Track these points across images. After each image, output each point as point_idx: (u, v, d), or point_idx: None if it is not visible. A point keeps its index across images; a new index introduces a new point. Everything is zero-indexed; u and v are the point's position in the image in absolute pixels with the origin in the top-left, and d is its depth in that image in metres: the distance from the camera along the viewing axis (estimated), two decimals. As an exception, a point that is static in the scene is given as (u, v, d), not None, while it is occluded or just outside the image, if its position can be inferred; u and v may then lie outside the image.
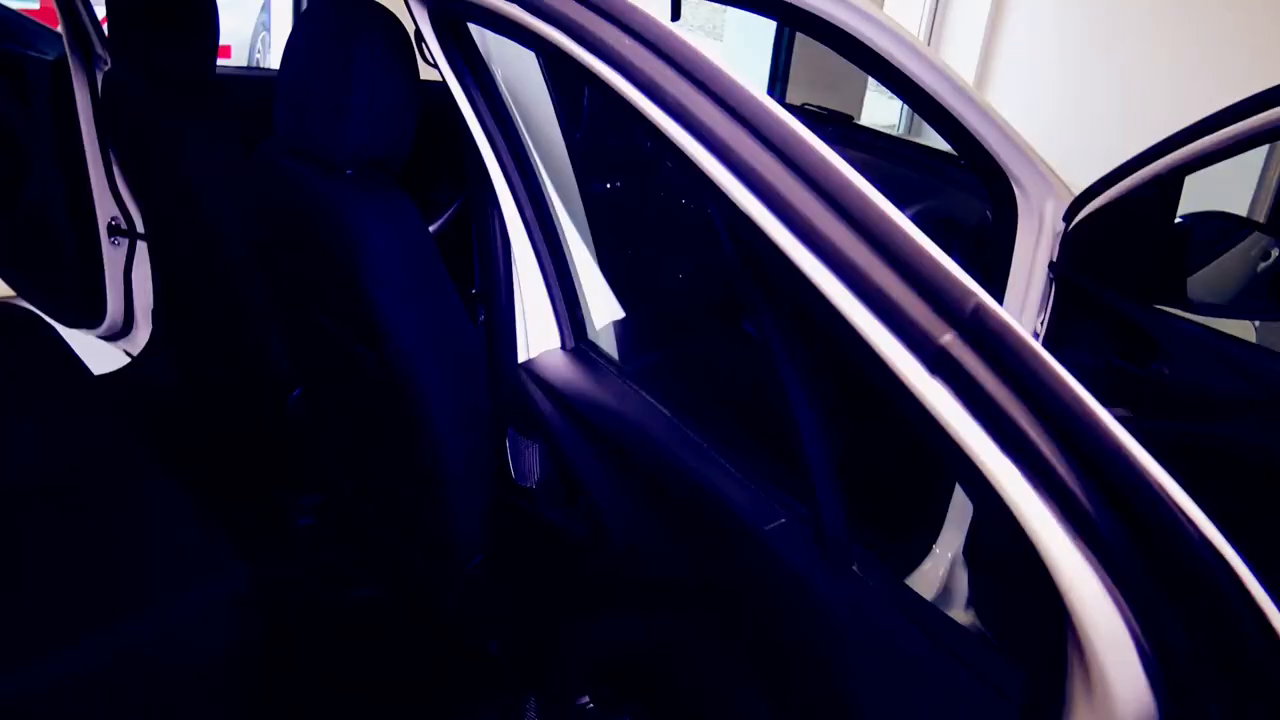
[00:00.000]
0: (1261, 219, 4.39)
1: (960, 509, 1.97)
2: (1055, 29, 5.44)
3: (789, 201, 0.73)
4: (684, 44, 0.83)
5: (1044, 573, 0.66)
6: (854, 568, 1.05)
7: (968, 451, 0.66)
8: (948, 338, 0.66)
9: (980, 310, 0.65)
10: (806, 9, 1.52)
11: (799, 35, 4.42)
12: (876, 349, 0.69)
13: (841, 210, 0.71)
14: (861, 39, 1.57)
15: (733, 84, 0.79)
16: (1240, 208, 4.41)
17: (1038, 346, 0.65)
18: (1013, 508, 0.66)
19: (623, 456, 1.26)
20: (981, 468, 0.66)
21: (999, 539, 1.68)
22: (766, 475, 1.16)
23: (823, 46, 1.61)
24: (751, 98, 0.78)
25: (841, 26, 1.55)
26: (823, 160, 0.73)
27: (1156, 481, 0.61)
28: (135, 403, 2.43)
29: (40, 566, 1.43)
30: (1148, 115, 4.83)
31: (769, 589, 1.12)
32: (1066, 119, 5.18)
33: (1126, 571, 0.63)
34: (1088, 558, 0.64)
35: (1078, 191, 1.73)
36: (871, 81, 5.13)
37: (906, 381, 0.68)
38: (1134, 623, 0.65)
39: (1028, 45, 5.61)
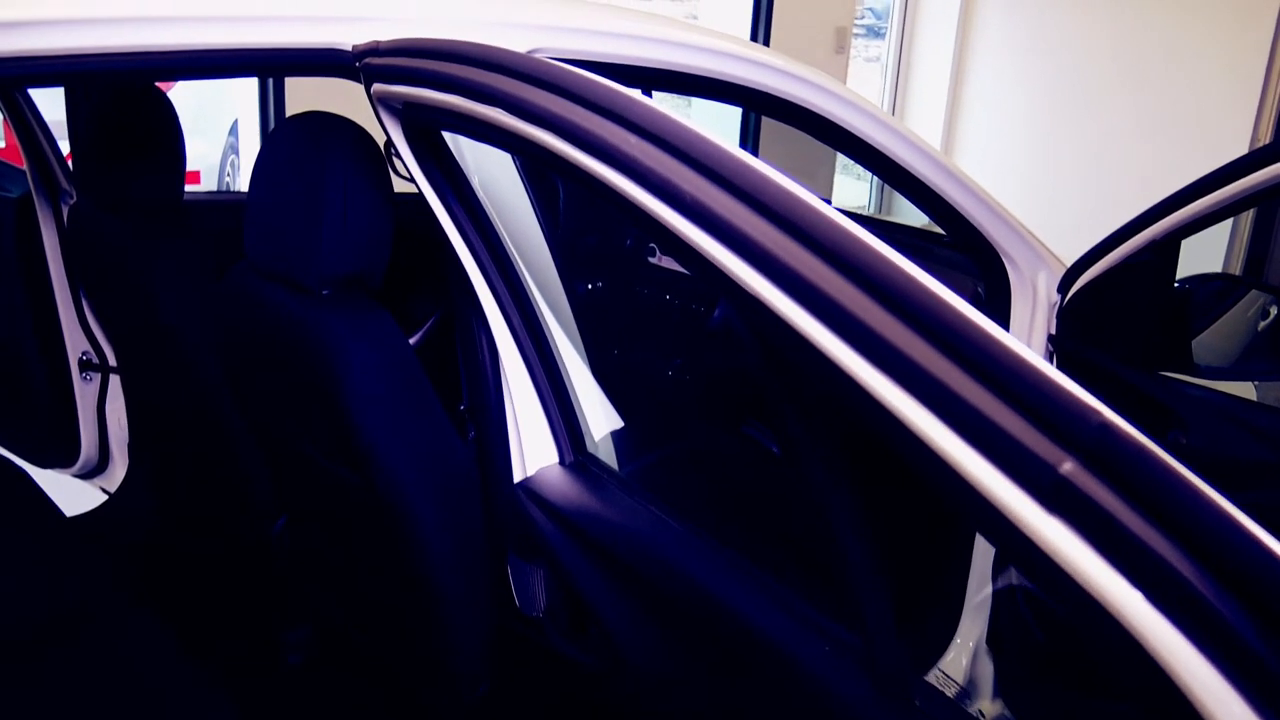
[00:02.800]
0: (1237, 273, 4.43)
1: (978, 596, 1.90)
2: (1020, 93, 5.54)
3: (852, 314, 0.63)
4: (703, 139, 0.74)
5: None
6: (916, 702, 0.94)
7: (1105, 603, 0.55)
8: (1068, 466, 0.55)
9: (1107, 429, 0.55)
10: (775, 94, 1.49)
11: (765, 120, 4.47)
12: (974, 483, 0.58)
13: (919, 323, 0.61)
14: (839, 123, 1.54)
15: (766, 180, 0.70)
16: (1215, 257, 4.45)
17: (1186, 470, 0.54)
18: (1167, 668, 0.53)
19: (635, 579, 1.18)
20: (1124, 622, 0.54)
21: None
22: (799, 595, 1.08)
23: (790, 129, 1.58)
24: (789, 194, 0.69)
25: (817, 111, 1.53)
26: (885, 263, 0.64)
27: None
28: (114, 541, 2.35)
29: None
30: (1113, 180, 4.89)
31: None
32: (1034, 187, 5.24)
33: None
34: None
35: (1068, 261, 1.71)
36: (839, 162, 5.20)
37: (1016, 521, 0.57)
38: None
39: (991, 114, 5.70)
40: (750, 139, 4.81)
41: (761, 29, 4.84)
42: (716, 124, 5.04)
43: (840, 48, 5.13)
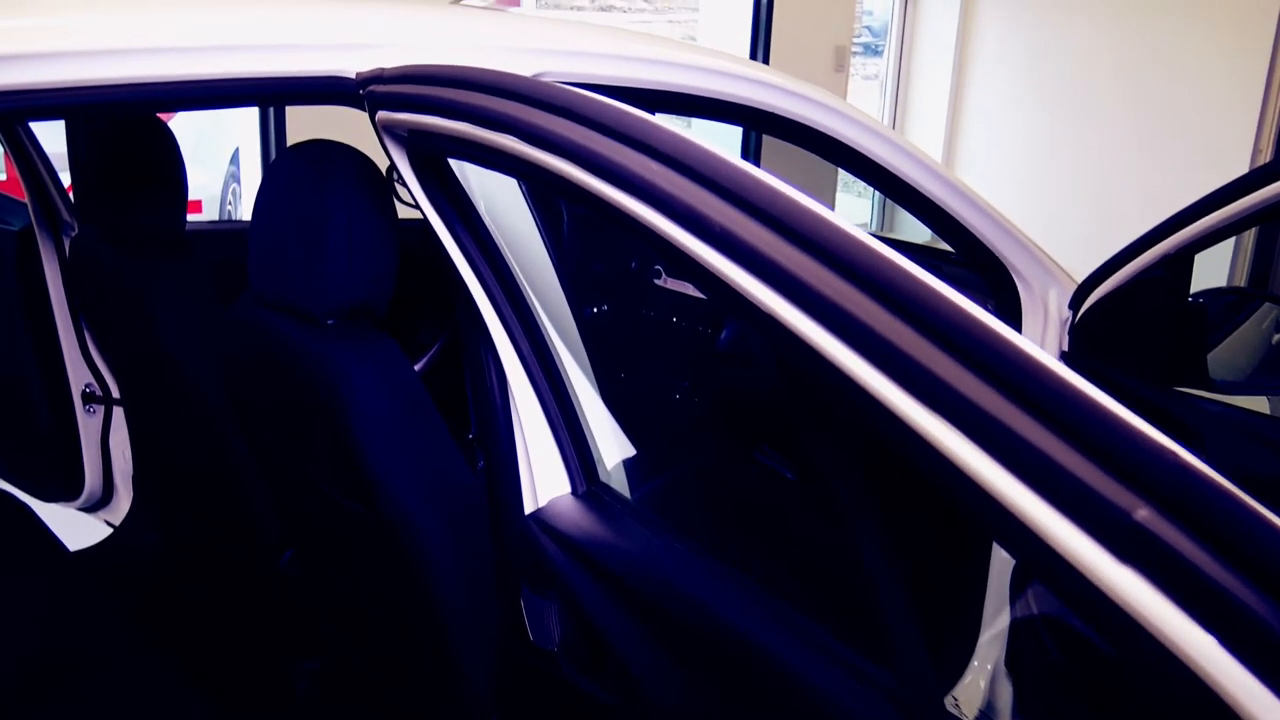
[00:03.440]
0: (1242, 283, 4.42)
1: (995, 618, 1.88)
2: (1020, 108, 5.54)
3: (906, 354, 0.59)
4: (728, 164, 0.71)
5: None
6: None
7: (1183, 656, 0.50)
8: (1143, 513, 0.51)
9: (1184, 471, 0.51)
10: (779, 114, 1.48)
11: (766, 139, 4.47)
12: (1038, 530, 0.54)
13: (975, 360, 0.57)
14: (845, 140, 1.53)
15: (798, 206, 0.66)
16: (1219, 271, 4.44)
17: (1272, 515, 0.50)
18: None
19: (653, 610, 1.15)
20: (1206, 677, 0.50)
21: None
22: (818, 623, 1.05)
23: (790, 147, 1.56)
24: (834, 227, 0.65)
25: (822, 129, 1.52)
26: (935, 295, 0.61)
27: None
28: (119, 575, 2.33)
29: None
30: (1115, 192, 4.89)
31: None
32: (1035, 201, 5.23)
33: None
34: None
35: (1074, 275, 1.69)
36: (839, 179, 5.19)
37: (1085, 571, 0.53)
38: None
39: (991, 129, 5.70)
40: (751, 158, 4.80)
41: (760, 49, 4.84)
42: (715, 141, 5.04)
43: (839, 66, 5.13)
